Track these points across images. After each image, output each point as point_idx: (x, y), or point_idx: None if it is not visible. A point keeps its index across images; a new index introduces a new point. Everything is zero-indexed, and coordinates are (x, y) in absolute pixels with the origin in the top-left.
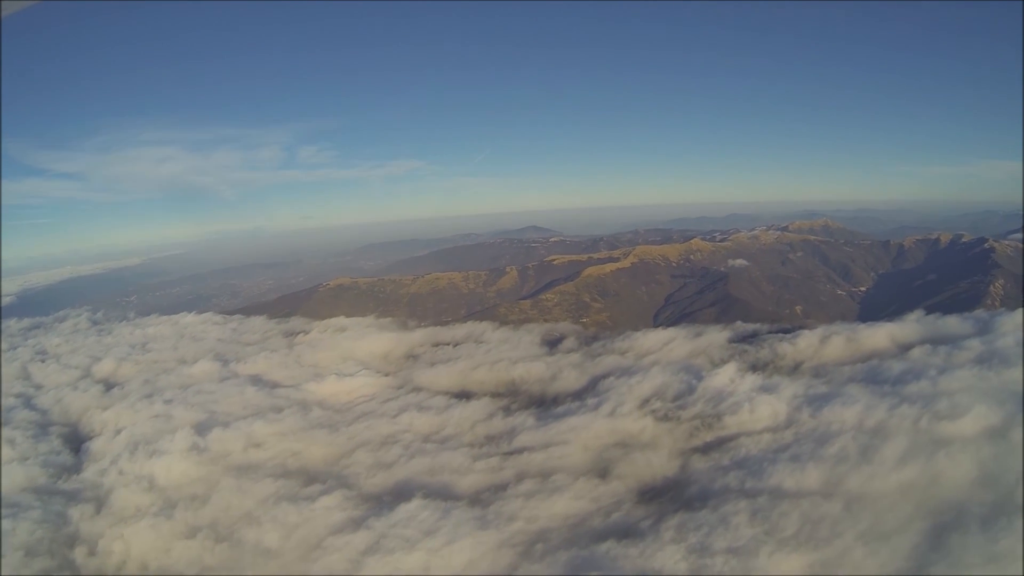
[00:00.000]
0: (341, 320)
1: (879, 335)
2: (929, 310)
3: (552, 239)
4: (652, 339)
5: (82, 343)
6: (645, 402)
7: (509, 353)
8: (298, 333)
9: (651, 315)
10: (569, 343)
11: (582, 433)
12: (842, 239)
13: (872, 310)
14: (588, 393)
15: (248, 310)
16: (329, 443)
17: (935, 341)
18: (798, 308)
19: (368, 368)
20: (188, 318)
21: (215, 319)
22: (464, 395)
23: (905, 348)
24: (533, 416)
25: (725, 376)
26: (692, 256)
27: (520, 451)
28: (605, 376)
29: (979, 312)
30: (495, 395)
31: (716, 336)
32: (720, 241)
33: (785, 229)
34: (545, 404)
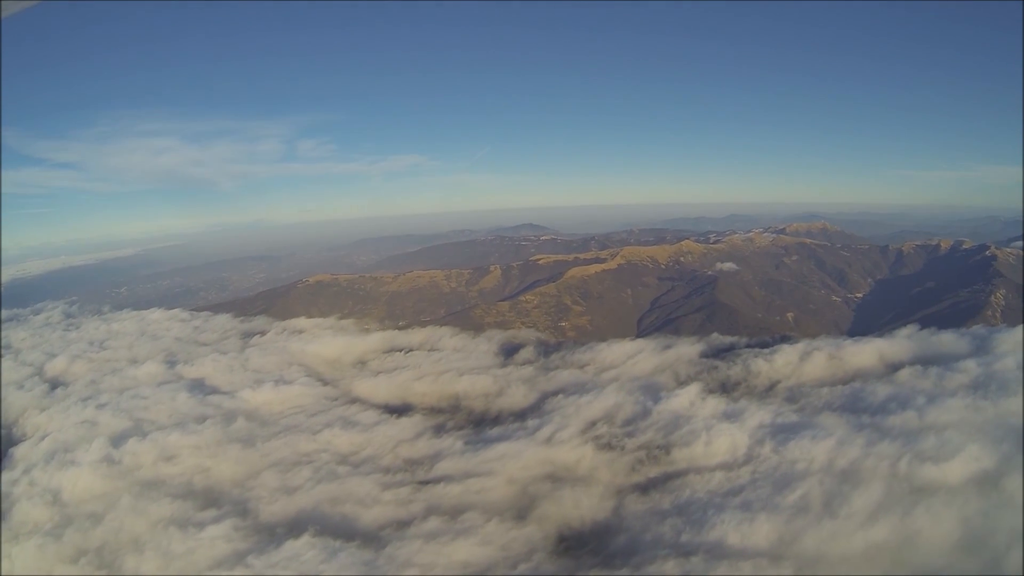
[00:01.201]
0: (301, 321)
1: (865, 352)
2: (926, 320)
3: (543, 237)
4: (616, 351)
5: (47, 338)
6: (591, 426)
7: (460, 363)
8: (256, 334)
9: (635, 319)
10: (526, 353)
11: (511, 463)
12: (839, 243)
13: (867, 318)
14: (532, 413)
15: (218, 307)
16: (241, 460)
17: (926, 361)
18: (789, 315)
19: (311, 375)
20: (155, 314)
21: (181, 316)
22: (400, 409)
23: (893, 368)
24: (464, 438)
25: (685, 399)
26: (682, 258)
27: (438, 480)
28: (555, 393)
29: (977, 327)
30: (434, 410)
31: (687, 349)
32: (713, 243)
33: (782, 232)
34: (484, 423)
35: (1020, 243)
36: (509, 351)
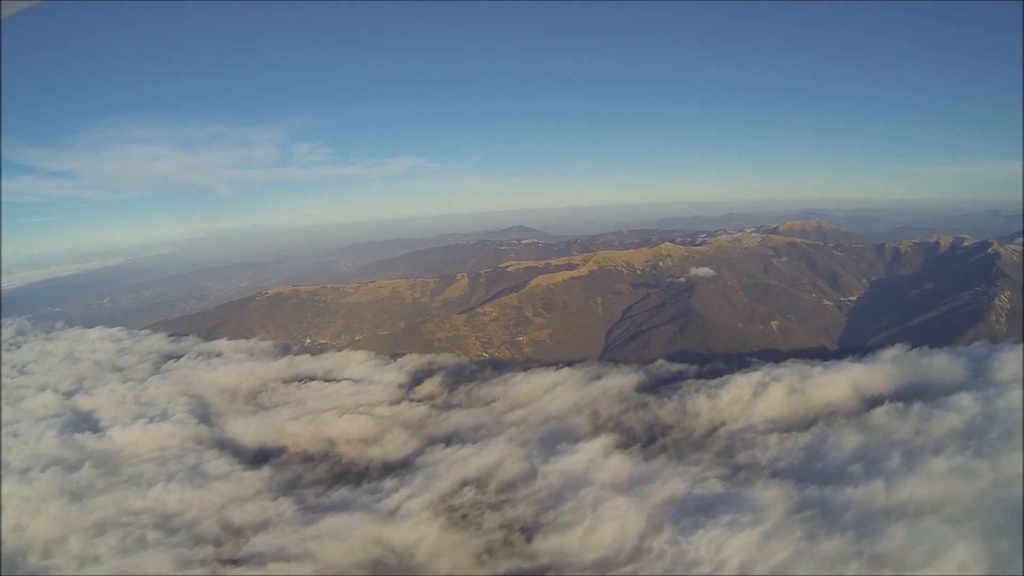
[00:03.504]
0: (221, 344)
1: (837, 383)
2: (924, 326)
3: (524, 241)
4: (534, 383)
5: None
6: (457, 490)
7: (352, 398)
8: (172, 358)
9: (603, 332)
10: (432, 384)
11: (337, 542)
12: (833, 242)
13: (861, 324)
14: (401, 468)
15: (161, 325)
16: (61, 518)
17: (912, 393)
18: (774, 323)
19: (193, 410)
20: (93, 333)
21: (117, 335)
22: (265, 455)
23: (869, 403)
24: (305, 501)
25: (584, 456)
26: (660, 262)
27: (243, 560)
28: (439, 441)
29: (976, 345)
30: (300, 458)
31: (621, 380)
32: (698, 244)
33: (774, 231)
34: (344, 478)
35: (1023, 239)
36: (419, 380)
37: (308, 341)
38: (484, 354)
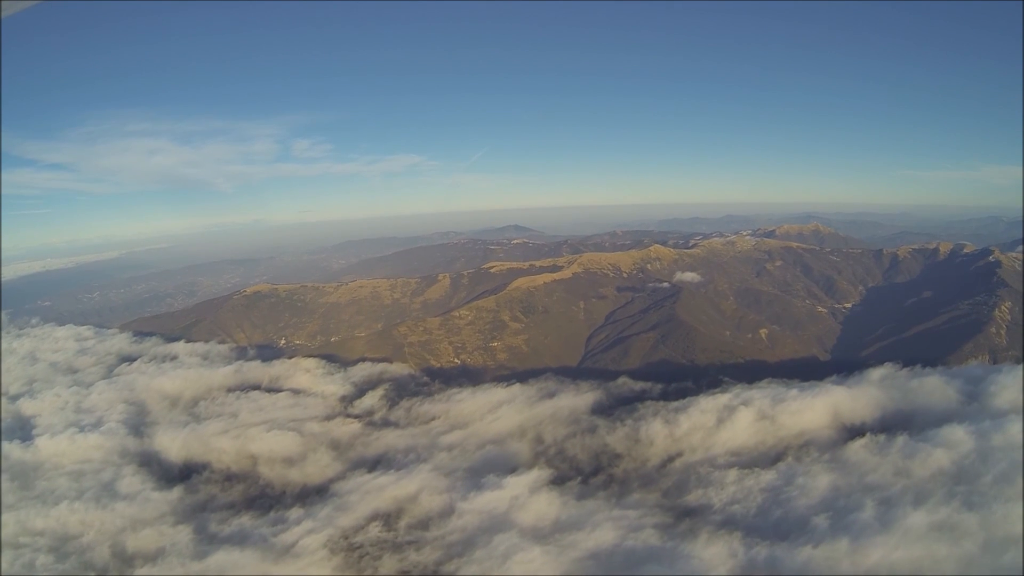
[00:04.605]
0: (177, 347)
1: (815, 408)
2: (921, 337)
3: (514, 241)
4: (480, 400)
5: None
6: (365, 525)
7: (286, 411)
8: (126, 361)
9: (584, 338)
10: (374, 398)
11: None
12: (830, 247)
13: (855, 333)
14: (316, 494)
15: (132, 324)
16: None
17: (897, 422)
18: (763, 331)
19: (127, 420)
20: (61, 331)
21: (84, 334)
22: (187, 471)
23: (849, 433)
24: (204, 529)
25: (508, 493)
26: (649, 265)
27: None
28: (363, 465)
29: (972, 365)
30: (222, 476)
31: (575, 400)
32: (691, 247)
33: (770, 234)
34: (256, 502)
35: (1022, 247)
36: (362, 392)
37: (283, 342)
38: (456, 360)
